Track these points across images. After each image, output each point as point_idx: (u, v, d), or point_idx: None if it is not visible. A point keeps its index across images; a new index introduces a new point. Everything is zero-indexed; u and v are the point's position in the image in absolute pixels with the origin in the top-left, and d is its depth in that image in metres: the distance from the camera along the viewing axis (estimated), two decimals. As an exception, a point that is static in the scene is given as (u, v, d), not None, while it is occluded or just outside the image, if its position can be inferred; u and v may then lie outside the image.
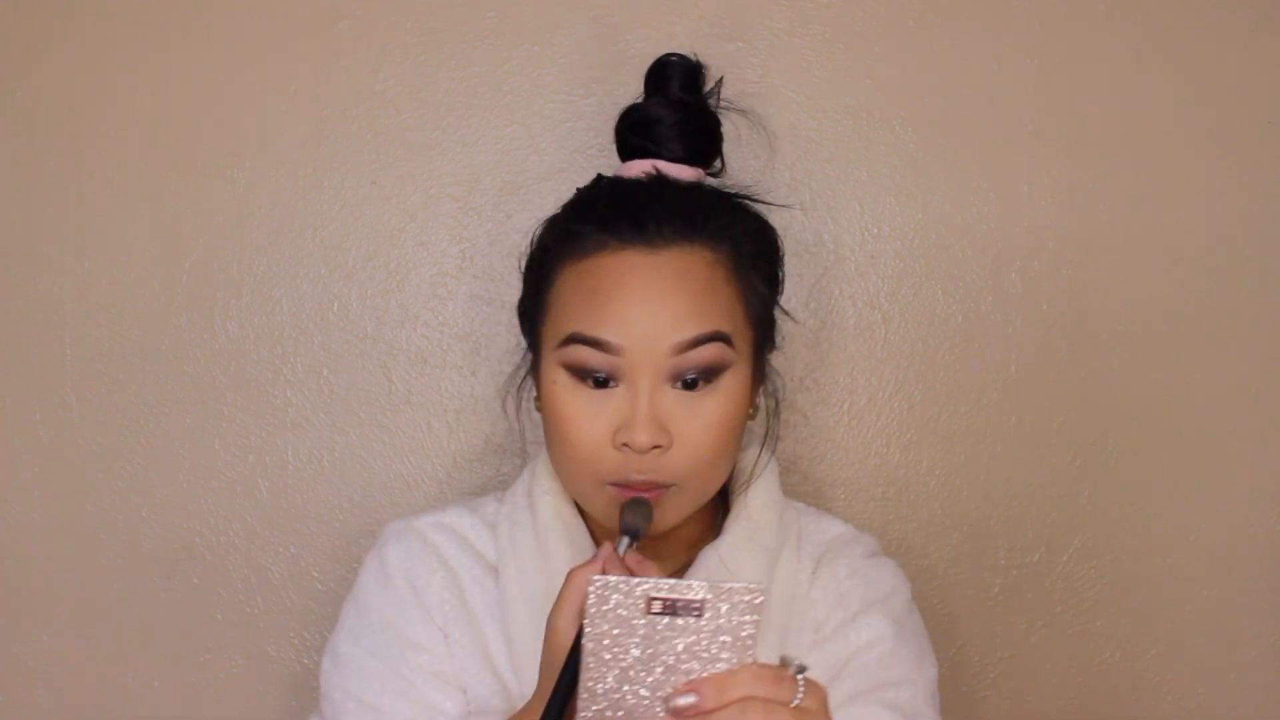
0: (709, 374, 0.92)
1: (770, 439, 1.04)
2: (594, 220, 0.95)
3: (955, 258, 1.25)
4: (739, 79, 1.22)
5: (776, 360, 1.06)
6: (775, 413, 1.05)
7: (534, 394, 0.99)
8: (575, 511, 1.02)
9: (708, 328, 0.91)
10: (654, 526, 0.92)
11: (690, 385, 0.92)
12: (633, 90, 1.22)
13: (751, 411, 0.99)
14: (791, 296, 1.24)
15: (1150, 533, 1.27)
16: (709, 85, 1.06)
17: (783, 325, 1.05)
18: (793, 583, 1.01)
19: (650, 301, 0.91)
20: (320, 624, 1.24)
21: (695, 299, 0.92)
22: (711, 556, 0.99)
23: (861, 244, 1.25)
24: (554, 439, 0.95)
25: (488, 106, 1.23)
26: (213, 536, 1.24)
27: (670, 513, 0.94)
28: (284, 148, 1.23)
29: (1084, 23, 1.25)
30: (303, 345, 1.24)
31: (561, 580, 0.88)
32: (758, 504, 1.02)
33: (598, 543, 1.00)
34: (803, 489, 1.25)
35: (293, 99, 1.23)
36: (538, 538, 1.00)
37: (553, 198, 1.23)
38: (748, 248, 0.97)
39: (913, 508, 1.26)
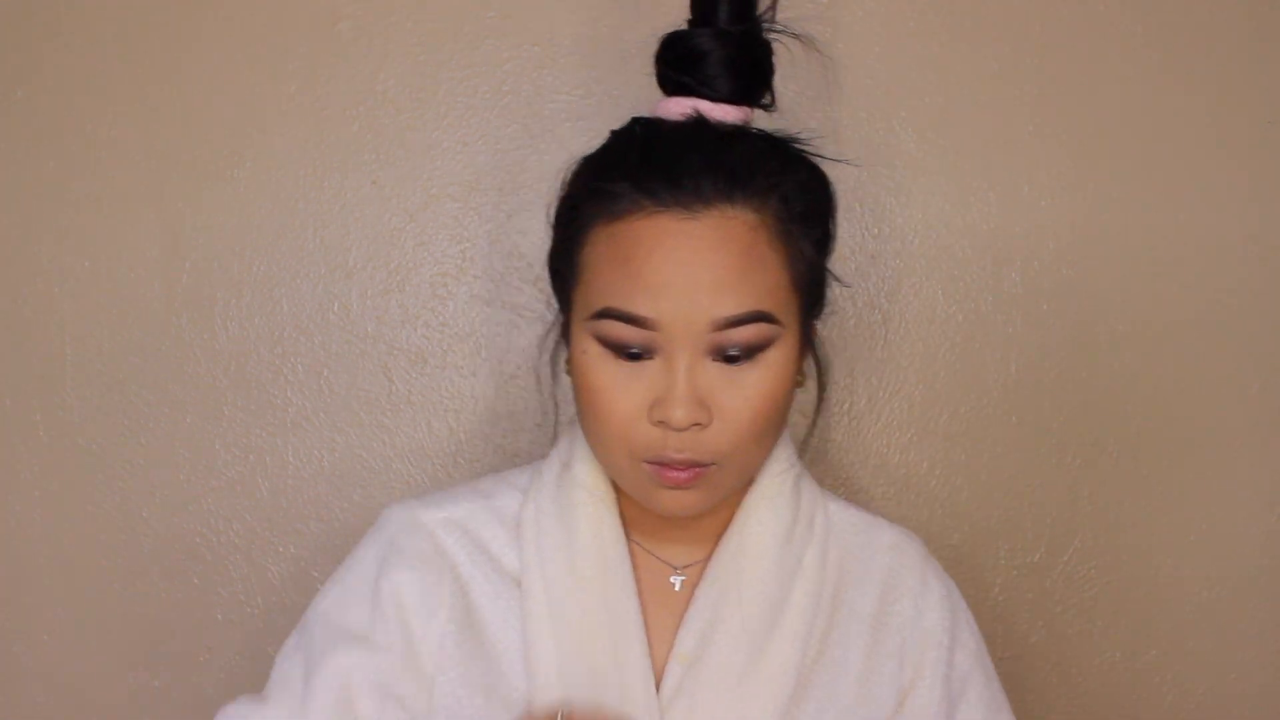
0: (751, 351, 0.87)
1: (819, 412, 1.00)
2: (627, 177, 0.87)
3: (955, 258, 1.25)
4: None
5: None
6: (820, 385, 0.99)
7: (566, 356, 0.93)
8: (617, 517, 0.95)
9: (749, 306, 0.85)
10: (694, 506, 0.89)
11: (732, 359, 0.86)
12: (633, 90, 1.22)
13: (799, 379, 0.93)
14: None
15: (1150, 533, 1.28)
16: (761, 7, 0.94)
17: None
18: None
19: (687, 272, 0.85)
20: (320, 624, 1.24)
21: (736, 270, 0.85)
22: (725, 550, 0.95)
23: (861, 244, 1.25)
24: (585, 411, 0.90)
25: (488, 106, 1.23)
26: (213, 536, 1.24)
27: (712, 493, 0.90)
28: (284, 148, 1.23)
29: (1084, 23, 1.24)
30: (303, 345, 1.24)
31: (597, 602, 0.89)
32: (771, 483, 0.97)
33: (629, 529, 0.96)
34: (803, 489, 1.25)
35: (293, 99, 1.23)
36: (570, 551, 0.94)
37: (553, 198, 1.23)
38: (797, 206, 0.89)
39: (913, 508, 1.26)
